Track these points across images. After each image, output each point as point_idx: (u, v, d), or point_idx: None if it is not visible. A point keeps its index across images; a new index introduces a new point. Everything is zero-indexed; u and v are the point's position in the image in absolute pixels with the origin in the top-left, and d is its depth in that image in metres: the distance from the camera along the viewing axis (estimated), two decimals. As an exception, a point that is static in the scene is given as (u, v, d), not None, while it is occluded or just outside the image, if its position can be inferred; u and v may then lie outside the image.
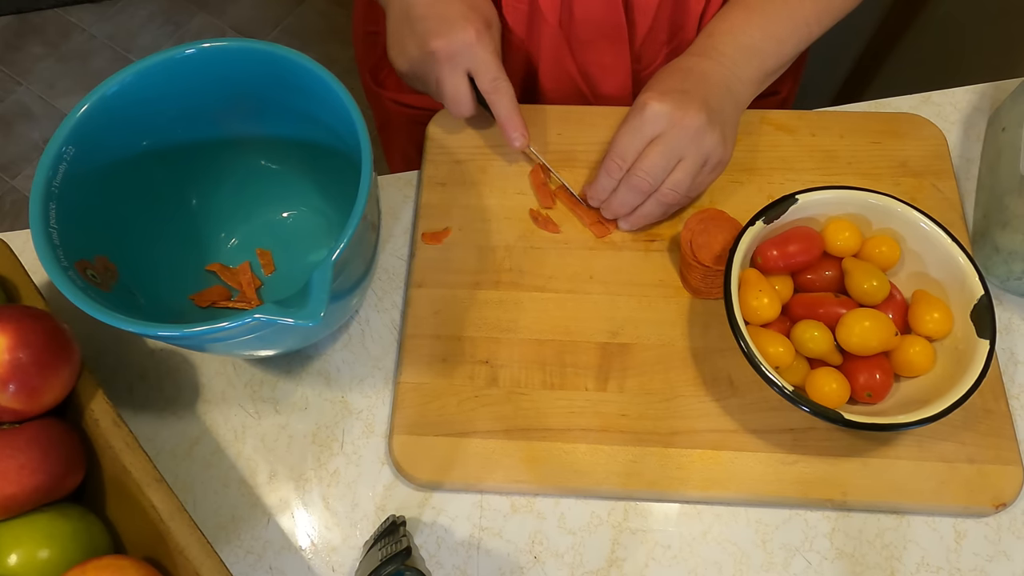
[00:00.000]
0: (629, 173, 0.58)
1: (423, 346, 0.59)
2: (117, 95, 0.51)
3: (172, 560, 0.46)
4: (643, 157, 0.58)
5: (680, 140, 0.57)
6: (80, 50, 1.84)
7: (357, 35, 0.83)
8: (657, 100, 0.57)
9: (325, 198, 0.62)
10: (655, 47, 0.71)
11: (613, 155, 0.59)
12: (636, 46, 0.70)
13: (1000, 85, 0.71)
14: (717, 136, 0.58)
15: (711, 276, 0.58)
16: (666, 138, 0.57)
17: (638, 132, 0.58)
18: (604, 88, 0.73)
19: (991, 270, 0.60)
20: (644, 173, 0.58)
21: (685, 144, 0.57)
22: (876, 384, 0.53)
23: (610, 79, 0.72)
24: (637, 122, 0.58)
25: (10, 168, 1.71)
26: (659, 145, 0.57)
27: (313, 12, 1.88)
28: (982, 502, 0.53)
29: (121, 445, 0.48)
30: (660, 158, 0.57)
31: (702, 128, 0.57)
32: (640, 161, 0.58)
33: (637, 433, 0.55)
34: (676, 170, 0.58)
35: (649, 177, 0.58)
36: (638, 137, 0.58)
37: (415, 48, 0.59)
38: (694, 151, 0.58)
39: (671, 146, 0.57)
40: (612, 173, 0.59)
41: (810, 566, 0.53)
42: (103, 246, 0.52)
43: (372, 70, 0.82)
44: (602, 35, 0.68)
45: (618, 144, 0.59)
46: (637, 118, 0.58)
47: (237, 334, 0.46)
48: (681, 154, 0.58)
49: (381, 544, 0.50)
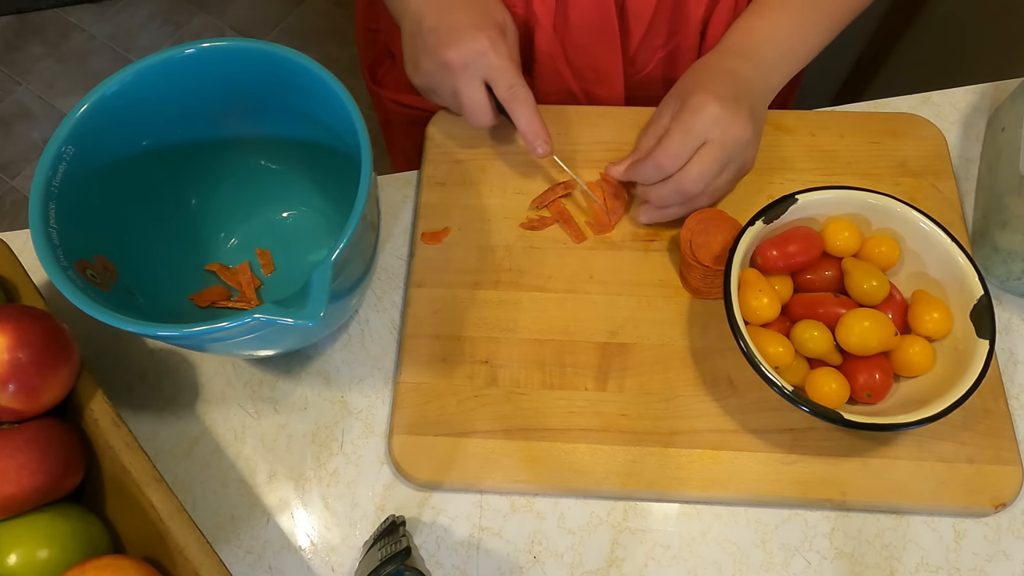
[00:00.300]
0: (681, 174, 0.57)
1: (423, 346, 0.59)
2: (117, 95, 0.51)
3: (172, 560, 0.46)
4: (697, 161, 0.57)
5: (731, 148, 0.57)
6: (80, 50, 1.84)
7: (359, 32, 0.82)
8: (717, 104, 0.56)
9: (325, 198, 0.62)
10: (650, 51, 0.71)
11: (666, 151, 0.57)
12: (631, 51, 0.70)
13: (1000, 85, 0.71)
14: (755, 147, 0.59)
15: (711, 276, 0.58)
16: (719, 146, 0.56)
17: (693, 132, 0.56)
18: (598, 91, 0.73)
19: (991, 270, 0.60)
20: (699, 177, 0.57)
21: (734, 153, 0.57)
22: (876, 384, 0.53)
23: (604, 82, 0.72)
24: (694, 122, 0.56)
25: (10, 168, 1.71)
26: (713, 151, 0.56)
27: (313, 12, 1.88)
28: (982, 502, 0.53)
29: (120, 445, 0.48)
30: (714, 165, 0.57)
31: (750, 140, 0.57)
32: (693, 165, 0.57)
33: (637, 433, 0.55)
34: (725, 172, 0.58)
35: (701, 183, 0.57)
36: (693, 137, 0.56)
37: (428, 61, 0.58)
38: (739, 161, 0.58)
39: (725, 152, 0.57)
40: (663, 168, 0.57)
41: (810, 566, 0.53)
42: (103, 246, 0.52)
43: (371, 67, 0.82)
44: (596, 39, 0.68)
45: (672, 140, 0.57)
46: (694, 118, 0.56)
47: (237, 334, 0.46)
48: (728, 162, 0.57)
49: (381, 544, 0.50)
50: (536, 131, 0.58)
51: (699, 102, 0.57)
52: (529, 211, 0.64)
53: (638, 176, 0.60)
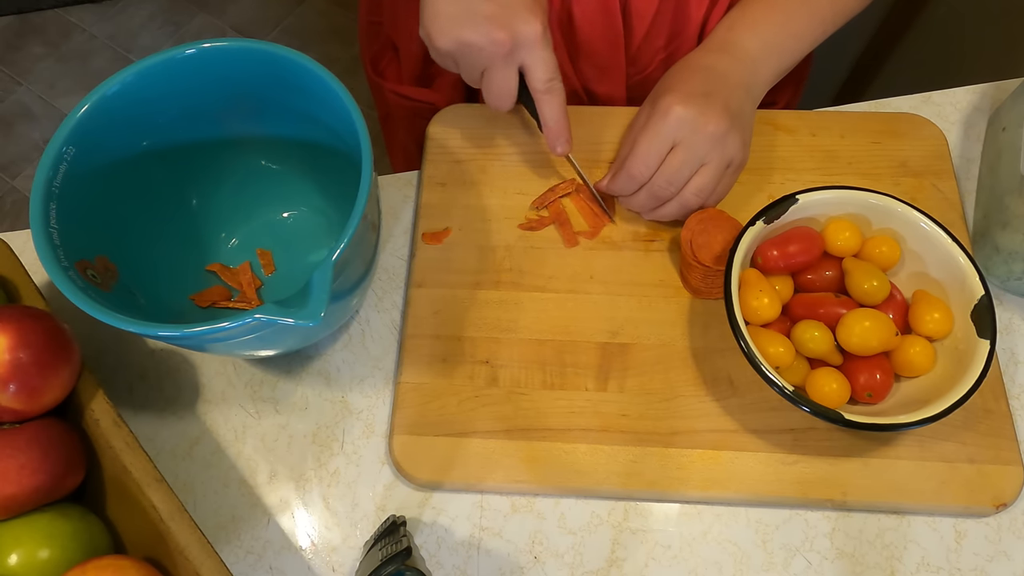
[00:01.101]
0: (651, 180, 0.57)
1: (423, 346, 0.59)
2: (117, 95, 0.51)
3: (172, 560, 0.46)
4: (666, 164, 0.57)
5: (703, 146, 0.56)
6: (80, 50, 1.84)
7: (361, 25, 0.83)
8: (681, 104, 0.56)
9: (325, 198, 0.62)
10: (651, 52, 0.71)
11: (636, 160, 0.57)
12: (632, 50, 0.70)
13: (1000, 85, 0.71)
14: (738, 139, 0.57)
15: (711, 276, 0.58)
16: (689, 144, 0.56)
17: (661, 137, 0.56)
18: (599, 90, 0.73)
19: (991, 270, 0.60)
20: (665, 181, 0.57)
21: (708, 150, 0.56)
22: (876, 384, 0.53)
23: (605, 81, 0.72)
24: (661, 126, 0.56)
25: (10, 168, 1.71)
26: (681, 152, 0.56)
27: (313, 12, 1.88)
28: (982, 502, 0.53)
29: (121, 445, 0.48)
30: (683, 165, 0.56)
31: (725, 133, 0.56)
32: (663, 169, 0.57)
33: (637, 433, 0.55)
34: (699, 175, 0.57)
35: (671, 186, 0.57)
36: (660, 142, 0.56)
37: (473, 33, 0.52)
38: (717, 156, 0.57)
39: (694, 152, 0.56)
40: (635, 177, 0.58)
41: (810, 566, 0.53)
42: (103, 246, 0.52)
43: (373, 60, 0.82)
44: (599, 38, 0.68)
45: (640, 148, 0.57)
46: (660, 122, 0.56)
47: (237, 334, 0.46)
48: (704, 159, 0.57)
49: (381, 544, 0.50)
50: (562, 129, 0.58)
51: (665, 105, 0.57)
52: (528, 211, 0.64)
53: (615, 188, 0.60)
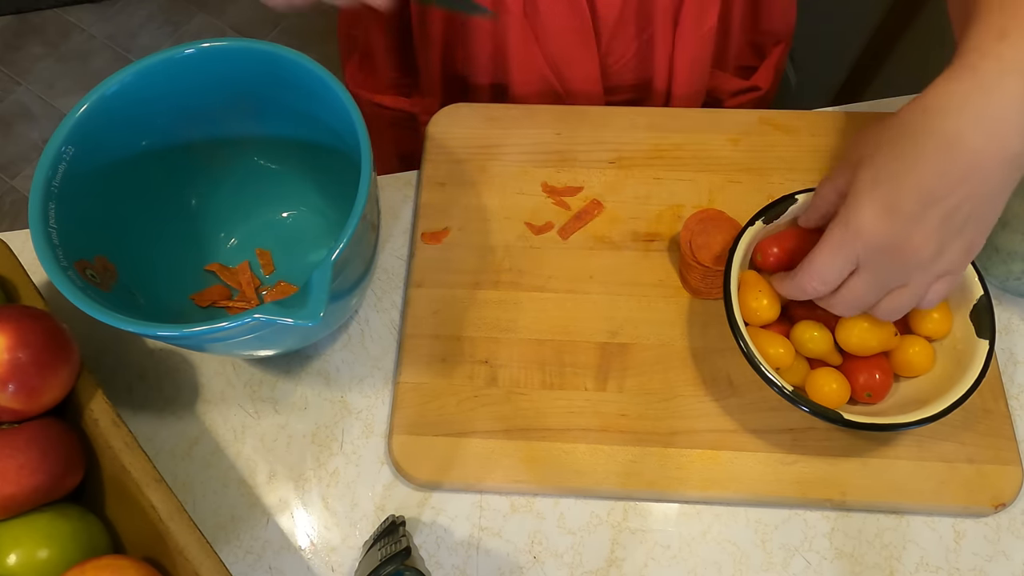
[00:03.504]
0: (829, 300, 0.49)
1: (422, 346, 0.59)
2: (117, 95, 0.51)
3: (171, 560, 0.46)
4: (846, 287, 0.47)
5: (898, 274, 0.46)
6: (80, 50, 1.84)
7: (340, 38, 0.83)
8: (873, 222, 0.44)
9: (325, 198, 0.62)
10: (625, 40, 0.70)
11: (811, 273, 0.47)
12: (604, 39, 0.69)
13: (1000, 85, 0.70)
14: (958, 248, 0.45)
15: (711, 276, 0.58)
16: (877, 270, 0.45)
17: (842, 254, 0.46)
18: (573, 79, 0.72)
19: (990, 270, 0.60)
20: (846, 307, 0.48)
21: (905, 276, 0.46)
22: (876, 384, 0.53)
23: (578, 70, 0.71)
24: (845, 240, 0.45)
25: (9, 168, 1.71)
26: (868, 274, 0.46)
27: (313, 12, 1.88)
28: (981, 502, 0.53)
29: (120, 445, 0.48)
30: (867, 292, 0.47)
31: (933, 257, 0.44)
32: (843, 292, 0.47)
33: (636, 433, 0.55)
34: (892, 297, 0.47)
35: (852, 310, 0.49)
36: (842, 259, 0.46)
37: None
38: (919, 278, 0.46)
39: (882, 280, 0.46)
40: (807, 291, 0.48)
41: (809, 566, 0.53)
42: (102, 246, 0.52)
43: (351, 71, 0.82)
44: (567, 26, 0.67)
45: (816, 261, 0.47)
46: (844, 235, 0.45)
47: (237, 334, 0.46)
48: (900, 282, 0.46)
49: (381, 544, 0.50)
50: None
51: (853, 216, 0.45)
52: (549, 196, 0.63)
53: (784, 291, 0.51)
